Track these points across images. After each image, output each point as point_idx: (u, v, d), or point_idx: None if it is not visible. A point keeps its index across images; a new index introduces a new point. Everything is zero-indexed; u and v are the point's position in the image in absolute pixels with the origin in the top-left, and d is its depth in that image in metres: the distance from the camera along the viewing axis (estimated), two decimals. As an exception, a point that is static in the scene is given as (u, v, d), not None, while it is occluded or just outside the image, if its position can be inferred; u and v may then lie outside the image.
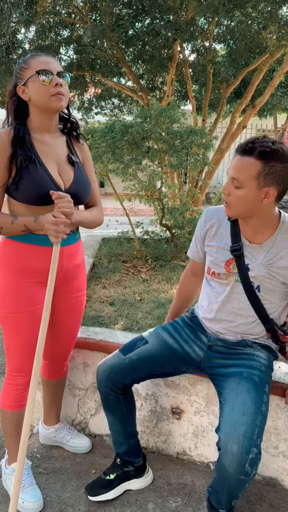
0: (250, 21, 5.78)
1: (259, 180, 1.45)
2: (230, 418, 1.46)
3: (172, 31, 5.28)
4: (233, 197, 1.51)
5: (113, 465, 1.88)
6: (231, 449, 1.41)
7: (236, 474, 1.41)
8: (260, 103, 6.60)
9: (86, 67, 6.60)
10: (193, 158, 4.82)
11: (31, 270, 1.66)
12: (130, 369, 1.71)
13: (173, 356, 1.74)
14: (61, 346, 1.94)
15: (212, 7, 4.40)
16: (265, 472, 1.91)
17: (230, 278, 1.66)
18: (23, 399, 1.79)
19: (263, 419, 1.48)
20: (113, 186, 5.14)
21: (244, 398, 1.50)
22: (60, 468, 2.00)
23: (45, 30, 6.31)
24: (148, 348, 1.74)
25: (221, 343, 1.72)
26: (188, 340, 1.77)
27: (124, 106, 8.55)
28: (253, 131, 13.27)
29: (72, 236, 1.75)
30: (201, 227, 1.76)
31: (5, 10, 5.04)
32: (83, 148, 1.82)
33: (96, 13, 6.06)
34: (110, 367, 1.72)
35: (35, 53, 1.63)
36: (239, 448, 1.40)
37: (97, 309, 3.60)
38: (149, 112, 4.53)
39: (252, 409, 1.47)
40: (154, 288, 4.22)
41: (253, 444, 1.41)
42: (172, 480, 1.94)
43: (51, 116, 1.64)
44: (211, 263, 1.72)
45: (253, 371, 1.58)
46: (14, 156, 1.55)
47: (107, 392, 1.73)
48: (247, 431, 1.42)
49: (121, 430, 1.80)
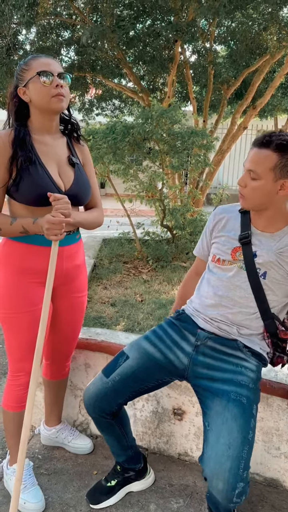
0: (251, 22, 5.80)
1: (275, 172, 1.46)
2: (215, 451, 1.40)
3: (173, 32, 5.30)
4: (249, 189, 1.52)
5: (113, 471, 1.85)
6: (216, 486, 1.37)
7: (225, 504, 1.38)
8: (261, 104, 6.61)
9: (87, 68, 6.62)
10: (194, 159, 4.83)
11: (31, 270, 1.66)
12: (114, 392, 1.63)
13: (155, 368, 1.65)
14: (62, 347, 1.94)
15: (213, 8, 4.40)
16: (266, 473, 1.91)
17: (235, 264, 1.61)
18: (25, 399, 1.78)
19: (250, 448, 1.42)
20: (114, 187, 5.14)
21: (230, 427, 1.42)
22: (61, 469, 2.00)
23: (46, 31, 6.32)
24: (129, 364, 1.65)
25: (210, 342, 1.61)
26: (171, 346, 1.66)
27: (125, 107, 8.57)
28: (253, 132, 13.28)
29: (72, 236, 1.75)
30: (210, 221, 1.75)
31: (6, 11, 5.06)
32: (83, 149, 1.82)
33: (97, 14, 6.07)
34: (94, 394, 1.65)
35: (36, 54, 1.64)
36: (225, 485, 1.36)
37: (98, 310, 3.61)
38: (151, 113, 4.53)
39: (238, 440, 1.40)
40: (155, 289, 4.22)
41: (239, 480, 1.36)
42: (174, 481, 1.94)
43: (51, 117, 1.65)
44: (217, 250, 1.67)
45: (241, 390, 1.50)
46: (14, 157, 1.55)
47: (95, 418, 1.69)
48: (232, 467, 1.36)
49: (117, 445, 1.78)
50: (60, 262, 1.70)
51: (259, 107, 6.66)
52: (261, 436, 1.88)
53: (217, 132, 7.22)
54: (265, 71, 6.30)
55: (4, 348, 3.26)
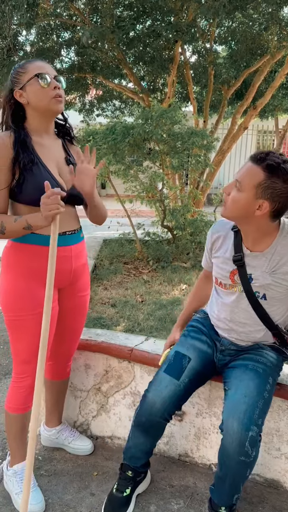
0: (251, 23, 5.79)
1: (257, 190, 1.48)
2: (232, 399, 1.54)
3: (173, 32, 5.30)
4: (230, 198, 1.55)
5: (124, 479, 1.78)
6: (231, 426, 1.48)
7: (236, 455, 1.46)
8: (261, 104, 6.61)
9: (87, 69, 6.62)
10: (194, 159, 4.83)
11: (38, 272, 1.66)
12: (184, 394, 1.70)
13: (210, 365, 1.77)
14: (65, 346, 1.95)
15: (213, 8, 4.40)
16: (267, 474, 1.91)
17: (235, 288, 1.69)
18: (28, 401, 1.79)
19: (265, 404, 1.53)
20: (115, 188, 5.14)
21: (247, 383, 1.56)
22: (62, 470, 1.99)
23: (46, 32, 6.33)
24: (193, 366, 1.72)
25: (233, 347, 1.76)
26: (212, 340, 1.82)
27: (125, 108, 8.57)
28: (254, 132, 13.27)
29: (77, 235, 1.77)
30: (208, 239, 1.81)
31: (7, 12, 5.06)
32: (77, 150, 1.82)
33: (97, 15, 6.07)
34: (169, 397, 1.66)
35: (30, 59, 1.67)
36: (239, 425, 1.46)
37: (98, 311, 3.60)
38: (151, 114, 4.53)
39: (254, 392, 1.53)
40: (156, 289, 4.22)
41: (253, 423, 1.47)
42: (174, 482, 1.93)
43: (50, 119, 1.68)
44: (217, 274, 1.76)
45: (258, 364, 1.64)
46: (17, 159, 1.57)
47: (159, 422, 1.70)
48: (247, 410, 1.48)
49: (146, 449, 1.77)
50: (69, 261, 1.72)
51: (259, 107, 6.66)
52: (262, 437, 1.87)
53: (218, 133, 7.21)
54: (265, 71, 6.30)
55: (4, 349, 3.25)
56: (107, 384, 2.14)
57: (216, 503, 1.62)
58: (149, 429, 1.72)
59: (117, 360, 2.09)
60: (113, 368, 2.11)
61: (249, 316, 1.69)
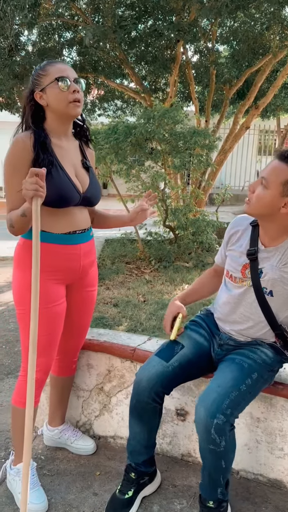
0: (253, 22, 5.78)
1: (284, 187, 1.50)
2: (207, 388, 1.57)
3: (175, 32, 5.29)
4: (255, 195, 1.55)
5: (127, 481, 1.77)
6: (199, 413, 1.51)
7: (205, 443, 1.50)
8: (263, 104, 6.59)
9: (89, 68, 6.62)
10: (196, 159, 4.82)
11: (49, 268, 1.70)
12: (174, 376, 1.70)
13: (204, 356, 1.78)
14: (72, 341, 1.97)
15: (215, 8, 4.39)
16: (270, 474, 1.90)
17: (245, 283, 1.70)
18: (36, 396, 1.79)
19: (240, 396, 1.53)
20: (116, 187, 5.15)
21: (225, 375, 1.58)
22: (64, 470, 1.99)
23: (48, 32, 6.33)
24: (185, 353, 1.74)
25: (232, 342, 1.77)
26: (211, 335, 1.83)
27: (127, 108, 8.57)
28: (255, 131, 13.26)
29: (87, 233, 1.81)
30: (226, 233, 1.82)
31: (8, 12, 5.06)
32: (92, 154, 1.90)
33: (99, 15, 6.07)
34: (156, 375, 1.68)
35: (51, 60, 1.70)
36: (205, 412, 1.49)
37: (101, 310, 3.60)
38: (153, 113, 4.53)
39: (228, 384, 1.54)
40: (158, 289, 4.21)
41: (219, 411, 1.48)
42: (177, 482, 1.93)
43: (68, 122, 1.71)
44: (229, 266, 1.77)
45: (246, 359, 1.64)
46: (37, 160, 1.59)
47: (147, 402, 1.69)
48: (216, 398, 1.50)
49: (145, 441, 1.77)
50: (78, 259, 1.76)
51: (261, 107, 6.64)
52: (264, 437, 1.87)
53: (219, 132, 7.21)
54: (267, 71, 6.28)
55: (7, 349, 3.26)
56: (110, 384, 2.14)
57: (203, 497, 1.63)
58: (142, 414, 1.73)
59: (120, 359, 2.09)
60: (116, 368, 2.11)
61: (253, 311, 1.70)
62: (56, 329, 1.77)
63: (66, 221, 1.70)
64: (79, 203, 1.72)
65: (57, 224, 1.69)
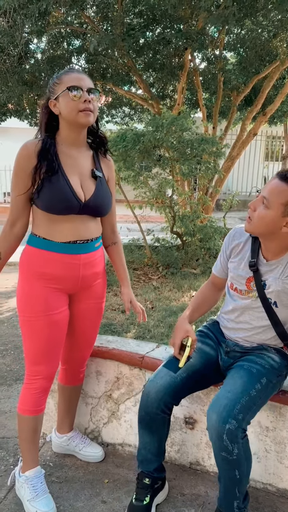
0: (261, 29, 5.80)
1: (286, 208, 1.51)
2: (217, 394, 1.57)
3: (183, 40, 5.32)
4: (256, 214, 1.57)
5: (142, 487, 1.77)
6: (210, 419, 1.51)
7: (218, 450, 1.49)
8: (271, 110, 6.60)
9: (97, 76, 6.66)
10: (204, 166, 4.83)
11: (49, 276, 1.71)
12: (182, 387, 1.71)
13: (212, 366, 1.79)
14: (78, 352, 1.97)
15: (223, 17, 4.41)
16: (279, 483, 1.89)
17: (251, 294, 1.72)
18: (41, 403, 1.81)
19: (251, 401, 1.53)
20: (124, 194, 5.16)
21: (234, 381, 1.59)
22: (73, 477, 2.00)
23: (57, 40, 6.39)
24: (192, 364, 1.74)
25: (238, 349, 1.78)
26: (217, 344, 1.84)
27: (134, 115, 8.60)
28: (263, 138, 13.26)
29: (91, 244, 1.78)
30: (227, 245, 1.82)
31: (18, 21, 5.12)
32: (109, 164, 1.87)
33: (107, 23, 6.12)
34: (164, 387, 1.68)
35: (68, 69, 1.71)
36: (217, 418, 1.49)
37: (109, 317, 3.61)
38: (161, 121, 4.56)
39: (239, 389, 1.54)
40: (166, 296, 4.21)
41: (231, 416, 1.48)
42: (186, 490, 1.93)
43: (78, 130, 1.71)
44: (233, 279, 1.78)
45: (254, 365, 1.65)
46: (39, 167, 1.63)
47: (156, 413, 1.70)
48: (227, 404, 1.50)
49: (155, 450, 1.77)
50: (77, 269, 1.75)
51: (269, 113, 6.65)
52: (273, 447, 1.87)
53: (227, 139, 7.22)
54: (275, 78, 6.29)
55: (15, 354, 3.27)
56: (118, 391, 2.14)
57: (219, 510, 1.63)
58: (151, 424, 1.73)
59: (128, 367, 2.09)
60: (124, 375, 2.11)
61: (259, 320, 1.71)
62: (56, 337, 1.76)
63: (67, 230, 1.70)
64: (81, 211, 1.70)
65: (58, 232, 1.69)
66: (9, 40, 5.28)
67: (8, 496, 1.87)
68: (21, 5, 4.83)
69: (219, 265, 1.88)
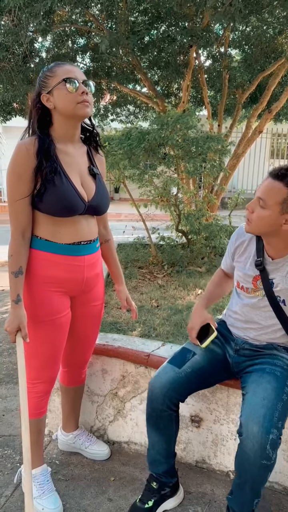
0: (266, 26, 5.77)
1: (283, 206, 1.51)
2: (251, 402, 1.52)
3: (188, 37, 5.30)
4: (255, 216, 1.57)
5: (148, 490, 1.78)
6: (251, 430, 1.46)
7: (258, 459, 1.44)
8: (277, 108, 6.56)
9: (102, 74, 6.66)
10: (210, 164, 4.82)
11: (53, 279, 1.68)
12: (187, 383, 1.70)
13: (218, 364, 1.78)
14: (79, 354, 1.96)
15: (229, 14, 4.39)
16: (286, 482, 1.89)
17: (258, 293, 1.71)
18: (43, 406, 1.81)
19: (285, 407, 1.51)
20: (129, 192, 5.16)
21: (264, 386, 1.55)
22: (79, 475, 2.00)
23: (61, 38, 6.38)
24: (198, 360, 1.74)
25: (247, 346, 1.77)
26: (224, 342, 1.83)
27: (139, 113, 8.59)
28: (268, 135, 13.20)
29: (93, 245, 1.76)
30: (232, 244, 1.83)
31: (23, 19, 5.12)
32: (102, 160, 1.83)
33: (112, 21, 6.11)
34: (168, 382, 1.68)
35: (59, 62, 1.64)
36: (260, 429, 1.45)
37: (114, 316, 3.61)
38: (166, 119, 4.54)
39: (272, 395, 1.51)
40: (171, 294, 4.21)
41: (273, 426, 1.45)
42: (192, 488, 1.92)
43: (76, 124, 1.65)
44: (239, 278, 1.77)
45: (275, 367, 1.63)
46: (39, 168, 1.55)
47: (162, 409, 1.69)
48: (267, 413, 1.47)
49: (164, 450, 1.76)
50: (82, 271, 1.72)
51: (274, 111, 6.61)
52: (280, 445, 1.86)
53: (232, 136, 7.19)
54: (280, 75, 6.25)
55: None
56: (124, 389, 2.14)
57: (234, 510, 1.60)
58: (158, 422, 1.72)
59: (134, 365, 2.09)
60: (130, 373, 2.11)
61: (268, 319, 1.71)
62: (60, 341, 1.75)
63: (71, 231, 1.65)
64: (85, 212, 1.66)
65: (61, 234, 1.64)
66: (14, 39, 5.28)
67: (14, 494, 1.88)
68: (26, 3, 4.82)
69: (225, 261, 1.92)
